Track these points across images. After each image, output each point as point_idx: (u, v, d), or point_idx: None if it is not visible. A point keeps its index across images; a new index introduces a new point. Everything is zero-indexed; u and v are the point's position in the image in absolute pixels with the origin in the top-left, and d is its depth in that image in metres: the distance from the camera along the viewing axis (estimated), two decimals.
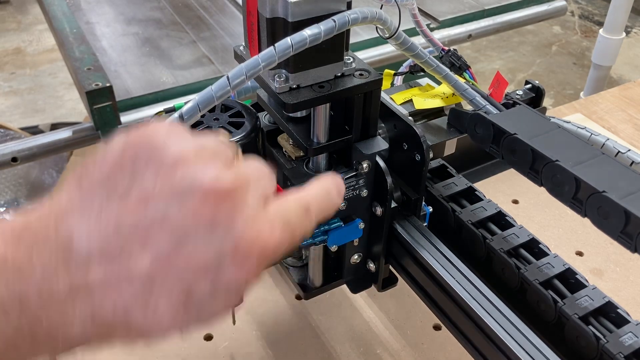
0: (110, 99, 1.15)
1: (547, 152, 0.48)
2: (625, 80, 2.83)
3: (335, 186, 0.38)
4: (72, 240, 0.28)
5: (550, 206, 0.80)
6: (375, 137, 0.51)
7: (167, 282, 0.29)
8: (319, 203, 0.36)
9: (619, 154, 0.64)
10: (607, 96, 1.07)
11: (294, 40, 0.39)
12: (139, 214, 0.29)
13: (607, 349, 0.44)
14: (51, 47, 3.01)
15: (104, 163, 0.30)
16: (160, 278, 0.29)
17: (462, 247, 0.56)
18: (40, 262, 0.28)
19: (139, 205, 0.29)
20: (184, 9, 1.56)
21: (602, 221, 0.44)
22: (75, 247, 0.28)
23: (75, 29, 1.36)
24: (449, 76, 0.58)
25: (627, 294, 0.70)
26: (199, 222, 0.29)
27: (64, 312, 0.28)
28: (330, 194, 0.37)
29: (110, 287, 0.28)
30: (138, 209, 0.29)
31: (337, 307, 0.68)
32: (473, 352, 0.49)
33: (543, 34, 3.25)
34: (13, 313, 0.27)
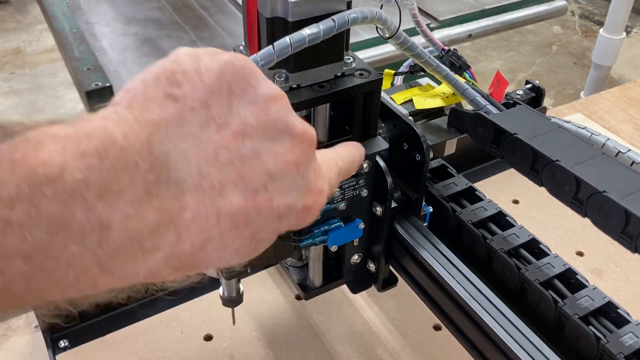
0: (110, 99, 1.14)
1: (547, 152, 0.48)
2: (626, 80, 2.83)
3: (360, 155, 0.43)
4: (168, 165, 0.25)
5: (550, 206, 0.80)
6: (375, 137, 0.51)
7: (248, 224, 0.28)
8: (346, 169, 0.39)
9: (619, 154, 0.64)
10: (607, 96, 1.07)
11: (292, 40, 0.39)
12: (236, 150, 0.27)
13: (607, 349, 0.44)
14: (51, 47, 3.01)
15: (200, 83, 0.27)
16: (243, 220, 0.28)
17: (462, 247, 0.56)
18: (128, 187, 0.24)
19: (237, 140, 0.27)
20: (184, 8, 1.56)
21: (602, 221, 0.44)
22: (171, 174, 0.25)
23: (75, 28, 1.36)
24: (449, 76, 0.58)
25: (627, 294, 0.70)
26: (285, 169, 0.29)
27: (143, 248, 0.25)
28: (355, 162, 0.41)
29: (198, 223, 0.26)
30: (236, 144, 0.27)
31: (337, 307, 0.68)
32: (473, 352, 0.49)
33: (543, 33, 3.25)
34: (90, 240, 0.24)
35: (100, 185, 0.23)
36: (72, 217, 0.23)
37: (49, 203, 0.22)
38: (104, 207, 0.24)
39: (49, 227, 0.23)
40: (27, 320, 0.68)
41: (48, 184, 0.22)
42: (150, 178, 0.25)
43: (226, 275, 0.52)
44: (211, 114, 0.27)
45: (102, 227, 0.24)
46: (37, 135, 0.23)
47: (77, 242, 0.23)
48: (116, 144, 0.24)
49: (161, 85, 0.27)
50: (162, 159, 0.25)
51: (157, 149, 0.25)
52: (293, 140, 0.29)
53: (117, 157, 0.24)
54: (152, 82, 0.27)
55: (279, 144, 0.28)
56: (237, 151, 0.27)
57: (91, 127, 0.24)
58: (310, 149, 0.30)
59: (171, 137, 0.26)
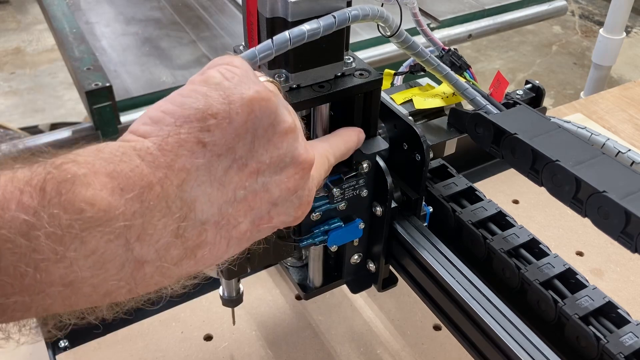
0: (109, 98, 1.15)
1: (547, 152, 0.48)
2: (626, 80, 2.83)
3: (357, 141, 0.47)
4: (195, 208, 0.29)
5: (550, 206, 0.80)
6: (375, 137, 0.51)
7: (249, 241, 0.34)
8: (339, 158, 0.44)
9: (619, 154, 0.64)
10: (607, 96, 1.07)
11: (292, 34, 0.39)
12: (250, 187, 0.32)
13: (607, 349, 0.44)
14: (51, 47, 3.01)
15: (229, 129, 0.30)
16: (246, 240, 0.33)
17: (462, 247, 0.56)
18: (162, 230, 0.28)
19: (252, 178, 0.32)
20: (184, 8, 1.56)
21: (602, 221, 0.44)
22: (197, 216, 0.29)
23: (75, 28, 1.36)
24: (450, 75, 0.58)
25: (627, 294, 0.70)
26: (287, 195, 0.34)
27: (167, 277, 0.30)
28: (350, 149, 0.46)
29: (212, 253, 0.31)
30: (250, 182, 0.32)
31: (337, 307, 0.68)
32: (473, 352, 0.49)
33: (543, 33, 3.25)
34: (125, 272, 0.28)
35: (139, 228, 0.27)
36: (114, 255, 0.27)
37: (96, 242, 0.26)
38: (141, 247, 0.28)
39: (93, 263, 0.26)
40: None
41: (97, 226, 0.26)
42: (180, 222, 0.29)
43: (226, 275, 0.52)
44: (235, 157, 0.31)
45: (137, 263, 0.28)
46: (82, 171, 0.26)
47: (114, 275, 0.27)
48: (153, 189, 0.28)
49: (193, 130, 0.30)
50: (190, 204, 0.29)
51: (187, 195, 0.29)
52: (295, 168, 0.34)
53: (154, 202, 0.28)
54: (184, 124, 0.30)
55: (284, 174, 0.33)
56: (251, 187, 0.32)
57: (130, 167, 0.28)
58: (307, 171, 0.35)
59: (199, 183, 0.29)
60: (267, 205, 0.33)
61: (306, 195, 0.36)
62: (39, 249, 0.25)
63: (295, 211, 0.36)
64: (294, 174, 0.34)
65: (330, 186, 0.49)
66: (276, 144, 0.32)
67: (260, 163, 0.32)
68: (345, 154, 0.46)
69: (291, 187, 0.34)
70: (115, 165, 0.27)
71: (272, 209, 0.34)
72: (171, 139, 0.29)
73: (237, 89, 0.31)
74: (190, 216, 0.29)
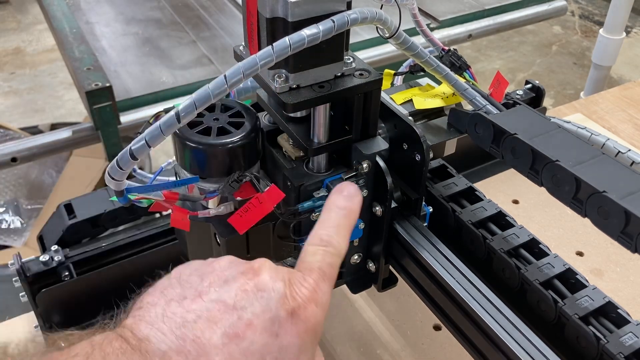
0: (109, 99, 1.15)
1: (547, 152, 0.48)
2: (626, 80, 2.83)
3: (349, 200, 0.45)
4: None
5: (550, 206, 0.80)
6: (375, 137, 0.51)
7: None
8: (344, 230, 0.44)
9: (619, 154, 0.64)
10: (607, 96, 1.07)
11: (292, 40, 0.39)
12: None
13: (607, 349, 0.44)
14: (51, 47, 3.01)
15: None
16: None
17: (462, 247, 0.56)
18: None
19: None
20: (184, 8, 1.56)
21: (602, 221, 0.44)
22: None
23: (75, 28, 1.36)
24: (449, 76, 0.58)
25: (627, 294, 0.70)
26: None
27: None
28: (348, 217, 0.44)
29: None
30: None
31: (337, 307, 0.68)
32: (473, 352, 0.49)
33: (543, 34, 3.25)
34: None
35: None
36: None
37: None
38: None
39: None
40: (27, 320, 0.68)
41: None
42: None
43: None
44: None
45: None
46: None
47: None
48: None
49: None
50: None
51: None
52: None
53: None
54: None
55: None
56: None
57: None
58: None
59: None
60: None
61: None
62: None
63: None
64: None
65: (330, 187, 0.49)
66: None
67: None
68: (345, 220, 0.44)
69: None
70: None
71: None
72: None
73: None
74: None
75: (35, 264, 0.61)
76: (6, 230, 1.81)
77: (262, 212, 0.46)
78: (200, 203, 0.49)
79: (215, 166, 0.48)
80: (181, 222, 0.48)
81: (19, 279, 0.61)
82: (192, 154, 0.47)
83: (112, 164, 0.40)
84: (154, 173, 0.48)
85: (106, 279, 0.64)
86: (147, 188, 0.45)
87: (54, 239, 0.66)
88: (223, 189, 0.47)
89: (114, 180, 0.41)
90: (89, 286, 0.63)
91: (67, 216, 0.66)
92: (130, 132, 1.20)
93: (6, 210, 1.84)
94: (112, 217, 0.67)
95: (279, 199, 0.45)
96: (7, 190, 1.87)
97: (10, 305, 1.17)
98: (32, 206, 1.86)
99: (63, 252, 0.63)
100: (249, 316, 0.35)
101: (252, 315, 0.35)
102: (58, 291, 0.61)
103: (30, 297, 0.61)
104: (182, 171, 0.50)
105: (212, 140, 0.47)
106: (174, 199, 0.47)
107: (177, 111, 0.39)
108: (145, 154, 0.40)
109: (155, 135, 0.39)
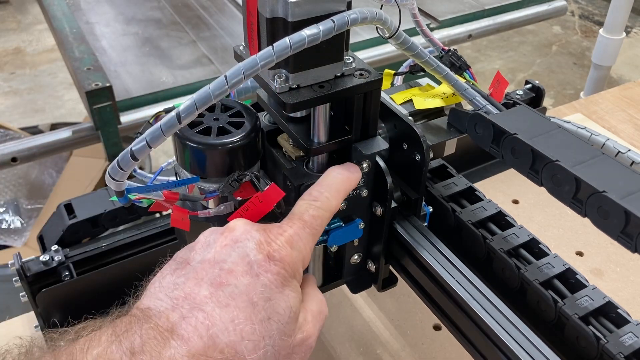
0: (110, 99, 1.15)
1: (547, 152, 0.48)
2: (625, 80, 2.83)
3: (347, 168, 0.48)
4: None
5: (550, 206, 0.80)
6: (375, 137, 0.51)
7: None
8: (336, 192, 0.47)
9: (619, 154, 0.64)
10: (607, 96, 1.07)
11: (292, 40, 0.39)
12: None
13: (607, 349, 0.44)
14: (51, 47, 3.01)
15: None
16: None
17: (462, 247, 0.56)
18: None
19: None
20: (184, 8, 1.56)
21: (602, 221, 0.44)
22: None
23: (75, 28, 1.36)
24: (449, 76, 0.58)
25: (627, 294, 0.70)
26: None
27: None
28: (343, 181, 0.47)
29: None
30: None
31: (337, 307, 0.68)
32: (473, 352, 0.49)
33: (543, 34, 3.25)
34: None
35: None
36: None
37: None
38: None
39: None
40: (27, 320, 0.68)
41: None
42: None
43: None
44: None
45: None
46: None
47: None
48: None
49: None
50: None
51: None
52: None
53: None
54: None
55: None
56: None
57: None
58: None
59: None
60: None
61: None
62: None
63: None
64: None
65: None
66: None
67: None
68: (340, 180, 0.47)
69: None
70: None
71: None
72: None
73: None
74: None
75: (35, 263, 0.61)
76: (6, 230, 1.81)
77: (262, 211, 0.46)
78: (200, 203, 0.49)
79: (215, 166, 0.48)
80: (181, 222, 0.48)
81: (19, 279, 0.61)
82: (192, 154, 0.47)
83: (113, 165, 0.40)
84: (154, 173, 0.48)
85: (106, 279, 0.64)
86: (147, 188, 0.45)
87: (54, 239, 0.66)
88: (223, 189, 0.47)
89: (115, 180, 0.41)
90: (89, 286, 0.63)
91: (67, 216, 0.66)
92: (130, 132, 1.20)
93: (6, 210, 1.84)
94: (112, 217, 0.67)
95: (279, 198, 0.45)
96: (7, 190, 1.87)
97: (11, 305, 1.17)
98: (32, 206, 1.87)
99: (63, 252, 0.63)
100: (229, 265, 0.40)
101: (231, 264, 0.40)
102: (58, 291, 0.61)
103: (30, 297, 0.61)
104: (182, 171, 0.50)
105: (212, 140, 0.47)
106: (174, 199, 0.47)
107: (178, 112, 0.39)
108: (146, 155, 0.40)
109: (156, 136, 0.39)
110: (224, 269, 0.39)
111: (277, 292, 0.40)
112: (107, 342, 0.36)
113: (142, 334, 0.36)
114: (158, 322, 0.37)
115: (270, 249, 0.41)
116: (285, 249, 0.41)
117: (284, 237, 0.42)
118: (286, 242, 0.42)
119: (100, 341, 0.36)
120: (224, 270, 0.39)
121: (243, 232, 0.42)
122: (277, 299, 0.40)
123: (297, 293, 0.41)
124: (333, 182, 0.47)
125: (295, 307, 0.41)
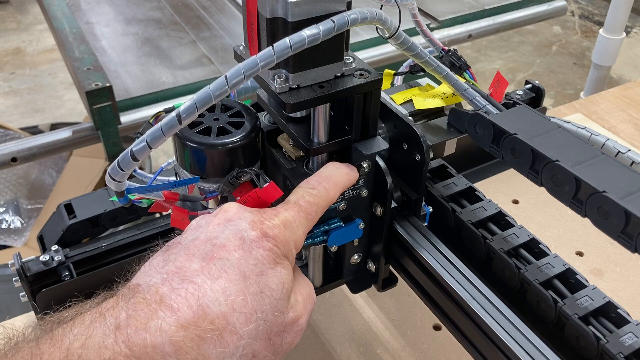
0: (110, 99, 1.15)
1: (547, 152, 0.48)
2: (625, 80, 2.83)
3: (347, 165, 0.48)
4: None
5: (550, 206, 0.80)
6: (375, 137, 0.51)
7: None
8: (334, 184, 0.47)
9: (619, 154, 0.64)
10: (607, 96, 1.07)
11: (292, 41, 0.39)
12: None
13: (607, 349, 0.44)
14: (51, 47, 3.01)
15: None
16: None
17: (462, 247, 0.56)
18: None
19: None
20: (184, 9, 1.56)
21: (602, 221, 0.44)
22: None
23: (75, 28, 1.37)
24: (449, 76, 0.58)
25: (627, 294, 0.70)
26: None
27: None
28: (342, 175, 0.48)
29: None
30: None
31: (337, 307, 0.68)
32: (473, 352, 0.49)
33: (543, 34, 3.25)
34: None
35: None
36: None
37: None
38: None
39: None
40: (27, 320, 0.68)
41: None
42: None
43: None
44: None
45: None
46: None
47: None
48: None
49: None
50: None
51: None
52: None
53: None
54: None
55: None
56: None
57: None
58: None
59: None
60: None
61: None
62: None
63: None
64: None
65: None
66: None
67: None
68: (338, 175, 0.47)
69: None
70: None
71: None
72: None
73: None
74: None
75: (35, 263, 0.61)
76: (6, 230, 1.81)
77: (259, 207, 0.46)
78: (200, 203, 0.49)
79: (215, 166, 0.48)
80: (181, 222, 0.49)
81: (19, 279, 0.61)
82: (192, 154, 0.47)
83: (113, 165, 0.40)
84: (154, 173, 0.48)
85: (106, 279, 0.64)
86: (147, 188, 0.45)
87: (54, 239, 0.66)
88: (222, 187, 0.47)
89: (115, 181, 0.41)
90: (89, 286, 0.63)
91: (67, 216, 0.66)
92: (130, 132, 1.20)
93: (6, 210, 1.84)
94: (112, 217, 0.67)
95: (277, 196, 0.45)
96: (7, 190, 1.87)
97: (11, 305, 1.17)
98: (32, 206, 1.87)
99: (63, 252, 0.63)
100: (222, 241, 0.39)
101: (224, 239, 0.39)
102: (58, 291, 0.61)
103: (30, 297, 0.61)
104: (182, 171, 0.50)
105: (212, 140, 0.47)
106: (174, 199, 0.47)
107: (178, 112, 0.39)
108: (147, 155, 0.40)
109: (156, 136, 0.39)
110: (216, 244, 0.39)
111: (270, 267, 0.39)
112: (90, 320, 0.35)
113: (129, 307, 0.35)
114: (146, 296, 0.36)
115: (263, 227, 0.41)
116: (278, 228, 0.41)
117: (278, 218, 0.42)
118: (280, 222, 0.42)
119: (83, 320, 0.35)
120: (216, 245, 0.39)
121: (236, 212, 0.42)
122: (269, 274, 0.39)
123: (289, 271, 0.41)
124: (332, 174, 0.47)
125: (287, 284, 0.40)
